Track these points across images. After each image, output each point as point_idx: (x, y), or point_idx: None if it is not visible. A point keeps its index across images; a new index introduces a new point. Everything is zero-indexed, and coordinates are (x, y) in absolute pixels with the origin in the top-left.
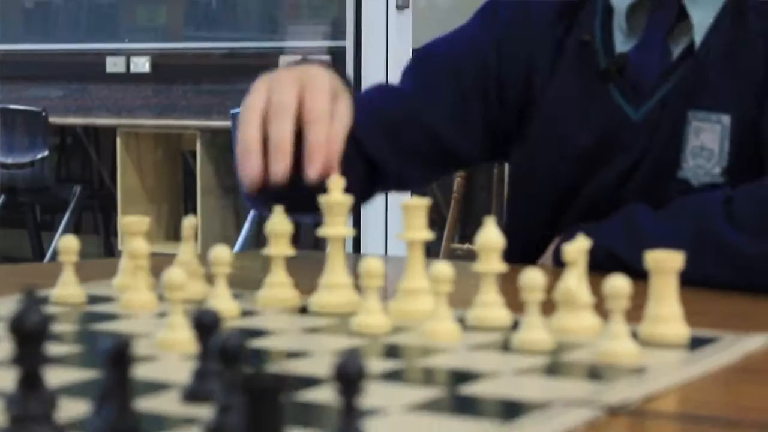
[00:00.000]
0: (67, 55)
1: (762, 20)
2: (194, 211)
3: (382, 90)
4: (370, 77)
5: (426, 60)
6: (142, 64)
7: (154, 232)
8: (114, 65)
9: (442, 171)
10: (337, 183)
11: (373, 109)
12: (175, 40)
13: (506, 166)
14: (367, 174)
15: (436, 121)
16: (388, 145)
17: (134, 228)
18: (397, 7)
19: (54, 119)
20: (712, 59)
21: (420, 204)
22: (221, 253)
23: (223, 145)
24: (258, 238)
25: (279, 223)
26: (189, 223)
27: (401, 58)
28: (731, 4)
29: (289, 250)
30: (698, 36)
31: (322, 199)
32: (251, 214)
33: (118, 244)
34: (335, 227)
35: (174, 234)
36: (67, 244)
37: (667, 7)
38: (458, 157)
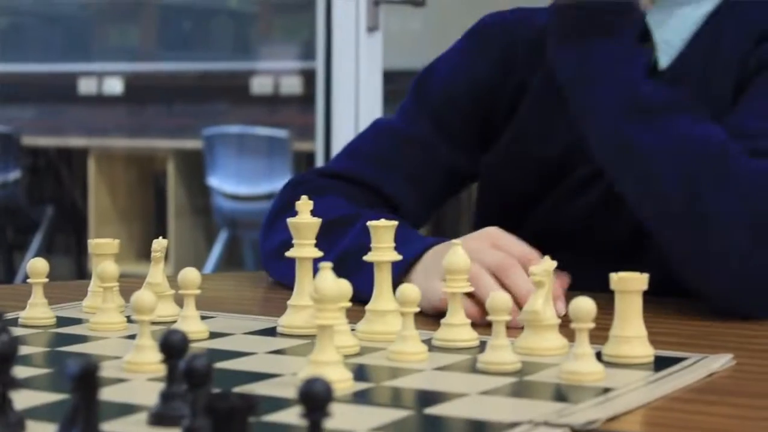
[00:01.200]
0: (39, 76)
1: (736, 47)
2: (166, 232)
3: (393, 137)
4: (341, 99)
5: (424, 93)
6: (114, 86)
7: (126, 252)
8: (86, 86)
9: (453, 194)
10: (305, 205)
11: (393, 163)
12: (147, 61)
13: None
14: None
15: (454, 160)
16: (416, 197)
17: (103, 250)
18: (367, 29)
19: (26, 140)
20: (685, 82)
21: (387, 225)
22: (190, 275)
23: (195, 166)
24: (228, 260)
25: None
26: (158, 245)
27: (372, 79)
28: (706, 27)
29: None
30: (664, 56)
31: (291, 221)
32: (222, 235)
33: (89, 264)
34: (303, 249)
35: (145, 254)
36: (36, 266)
37: None
38: (471, 178)
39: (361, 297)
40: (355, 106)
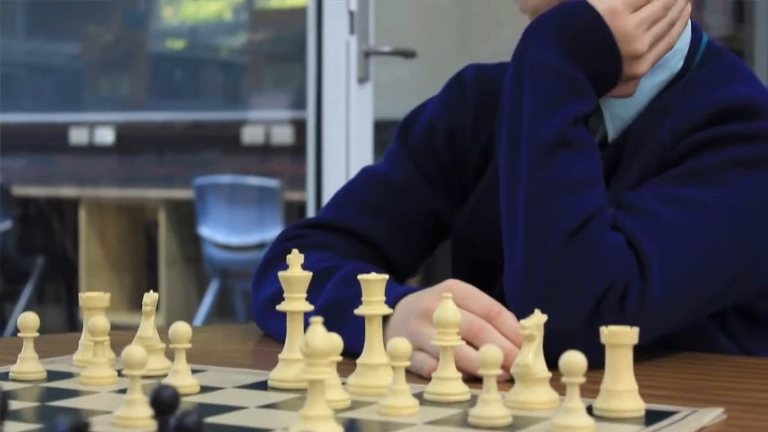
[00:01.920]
0: (30, 126)
1: (677, 129)
2: (157, 282)
3: (379, 183)
4: (332, 149)
5: (408, 139)
6: (105, 135)
7: (117, 302)
8: (77, 136)
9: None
10: (296, 258)
11: (380, 210)
12: (138, 111)
13: None
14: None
15: (438, 206)
16: (404, 244)
17: (94, 303)
18: (358, 80)
19: (17, 190)
20: (624, 152)
21: (378, 278)
22: (181, 329)
23: (186, 215)
24: (219, 309)
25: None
26: (149, 299)
27: (362, 130)
28: (656, 104)
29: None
30: (612, 129)
31: (281, 275)
32: (213, 284)
33: (80, 314)
34: (295, 302)
35: (137, 304)
36: (27, 320)
37: None
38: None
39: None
40: (345, 156)
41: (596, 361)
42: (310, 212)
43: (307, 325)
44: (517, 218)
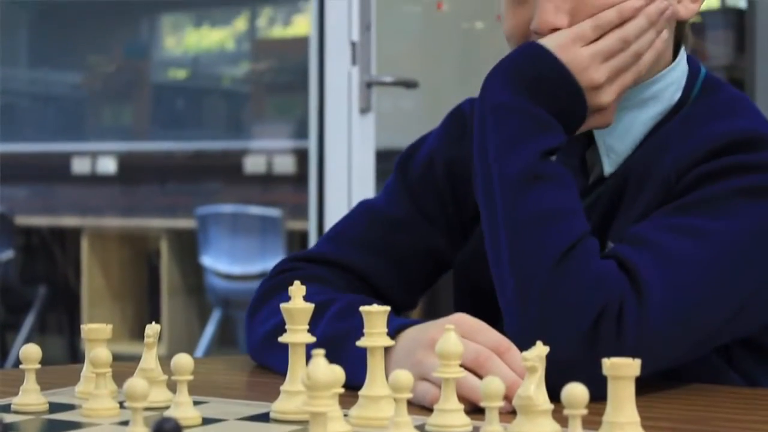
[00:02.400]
0: (32, 156)
1: (678, 164)
2: (159, 311)
3: (375, 218)
4: (334, 178)
5: (406, 173)
6: (108, 165)
7: (119, 332)
8: (80, 166)
9: (438, 277)
10: (298, 290)
11: (375, 246)
12: (141, 140)
13: None
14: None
15: (435, 242)
16: (400, 280)
17: (96, 335)
18: (360, 110)
19: (19, 220)
20: (627, 187)
21: (380, 310)
22: (183, 361)
23: (188, 245)
24: (222, 339)
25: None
26: (152, 330)
27: (364, 160)
28: (653, 138)
29: None
30: (609, 163)
31: (284, 307)
32: (215, 314)
33: (82, 344)
34: (297, 334)
35: (139, 334)
36: (29, 351)
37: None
38: (452, 262)
39: None
40: (347, 186)
41: (598, 393)
42: (312, 242)
43: (309, 357)
44: (501, 253)
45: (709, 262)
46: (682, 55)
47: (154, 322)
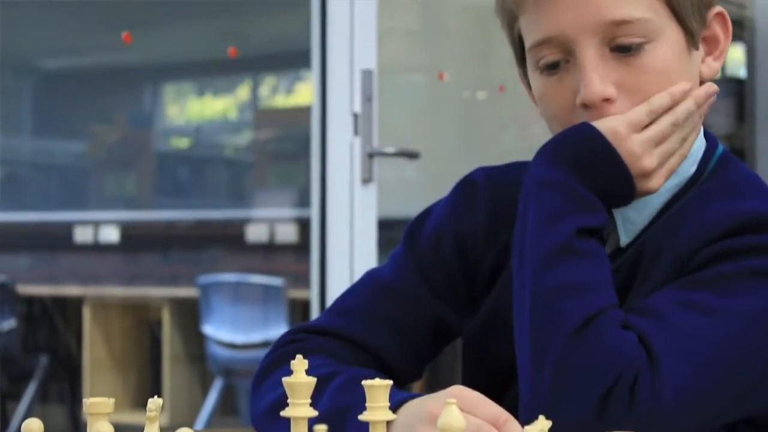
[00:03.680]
0: (35, 225)
1: (694, 240)
2: (161, 380)
3: (381, 290)
4: (336, 247)
5: (414, 243)
6: (110, 234)
7: (121, 401)
8: (82, 235)
9: (443, 347)
10: (300, 364)
11: (381, 318)
12: (143, 209)
13: None
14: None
15: (442, 313)
16: (404, 352)
17: (98, 409)
18: (362, 181)
19: (21, 289)
20: (642, 261)
21: (382, 384)
22: None
23: (190, 314)
24: (223, 408)
25: None
26: (154, 404)
27: (366, 229)
28: (670, 212)
29: None
30: (626, 234)
31: (286, 381)
32: (217, 383)
33: (83, 414)
34: (298, 408)
35: (141, 403)
36: (31, 427)
37: None
38: (460, 333)
39: None
40: (349, 255)
41: None
42: (315, 311)
43: (311, 431)
44: (524, 324)
45: (720, 340)
46: (700, 128)
47: (156, 396)
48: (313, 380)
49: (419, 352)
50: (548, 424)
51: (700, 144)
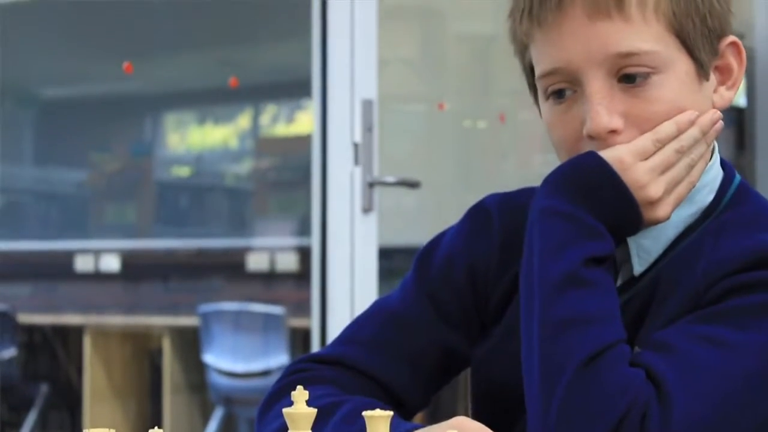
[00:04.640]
0: (35, 254)
1: (709, 274)
2: (161, 409)
3: (390, 319)
4: (337, 276)
5: (424, 271)
6: (111, 263)
7: (121, 430)
8: (83, 264)
9: (453, 376)
10: (301, 395)
11: (389, 347)
12: (144, 238)
13: None
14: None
15: (452, 342)
16: (413, 381)
17: None
18: (362, 210)
19: (22, 318)
20: (656, 293)
21: (382, 415)
22: None
23: (190, 342)
24: None
25: None
26: None
27: (367, 258)
28: (686, 242)
29: None
30: (639, 262)
31: (286, 411)
32: (218, 412)
33: None
34: None
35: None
36: None
37: None
38: (469, 361)
39: None
40: (350, 284)
41: None
42: (315, 339)
43: None
44: (533, 356)
45: (734, 375)
46: (716, 157)
47: (156, 427)
48: (313, 411)
49: (428, 382)
50: None
51: (716, 173)
